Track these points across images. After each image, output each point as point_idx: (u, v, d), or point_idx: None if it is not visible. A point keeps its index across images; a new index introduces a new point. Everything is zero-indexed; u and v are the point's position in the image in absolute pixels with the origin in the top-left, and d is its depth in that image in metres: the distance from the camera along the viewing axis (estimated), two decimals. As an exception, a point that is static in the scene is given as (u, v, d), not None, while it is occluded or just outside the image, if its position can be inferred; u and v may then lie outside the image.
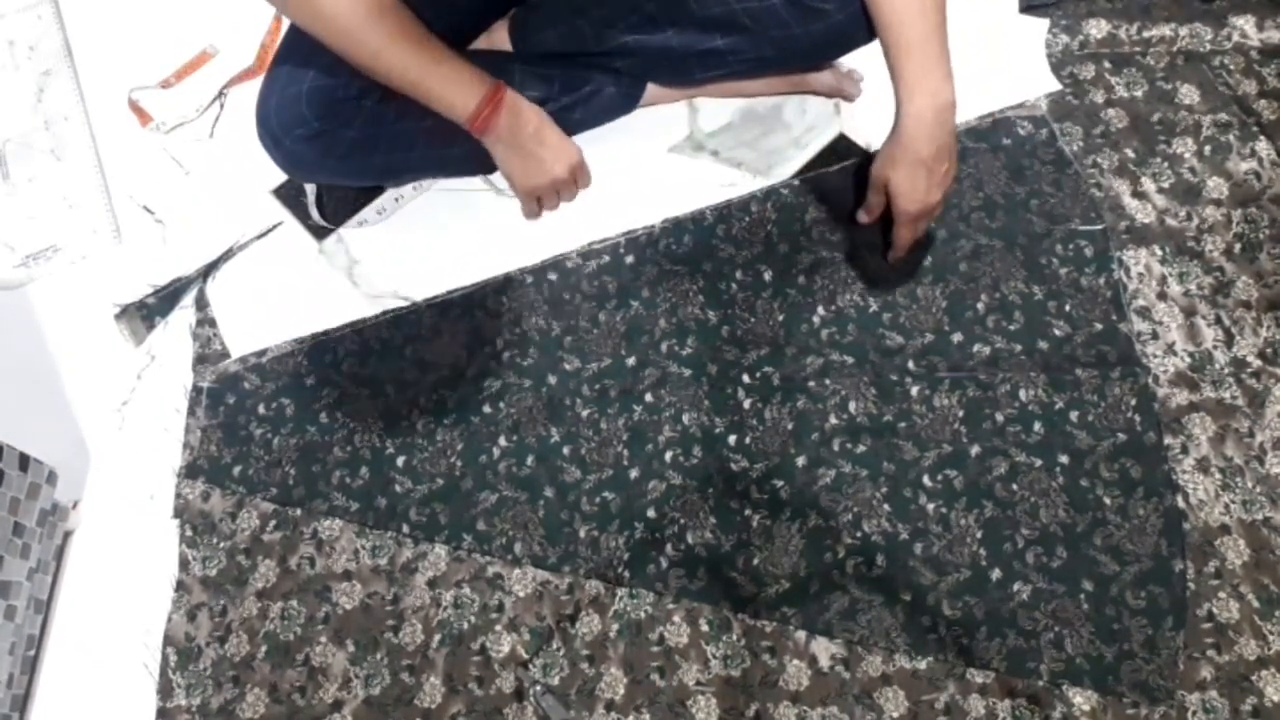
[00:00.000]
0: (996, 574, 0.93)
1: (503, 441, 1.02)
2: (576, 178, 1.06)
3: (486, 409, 1.04)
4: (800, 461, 0.98)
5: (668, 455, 1.00)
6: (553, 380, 1.04)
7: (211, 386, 1.08)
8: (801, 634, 0.93)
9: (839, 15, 0.96)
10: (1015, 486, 0.96)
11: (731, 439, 1.00)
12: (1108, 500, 0.94)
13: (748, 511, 0.97)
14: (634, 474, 0.99)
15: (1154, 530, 0.93)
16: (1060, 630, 0.90)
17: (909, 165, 0.91)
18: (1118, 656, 0.89)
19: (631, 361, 1.04)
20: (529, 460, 1.01)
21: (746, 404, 1.01)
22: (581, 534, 0.98)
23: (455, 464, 1.02)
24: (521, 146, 0.99)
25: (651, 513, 0.98)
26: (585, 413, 1.02)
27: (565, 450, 1.01)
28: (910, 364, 1.01)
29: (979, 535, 0.94)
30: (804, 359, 1.02)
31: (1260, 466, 0.96)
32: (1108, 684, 0.88)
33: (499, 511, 0.99)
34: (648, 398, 1.02)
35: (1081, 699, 0.88)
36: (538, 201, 1.08)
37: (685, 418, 1.01)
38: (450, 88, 0.92)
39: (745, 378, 1.02)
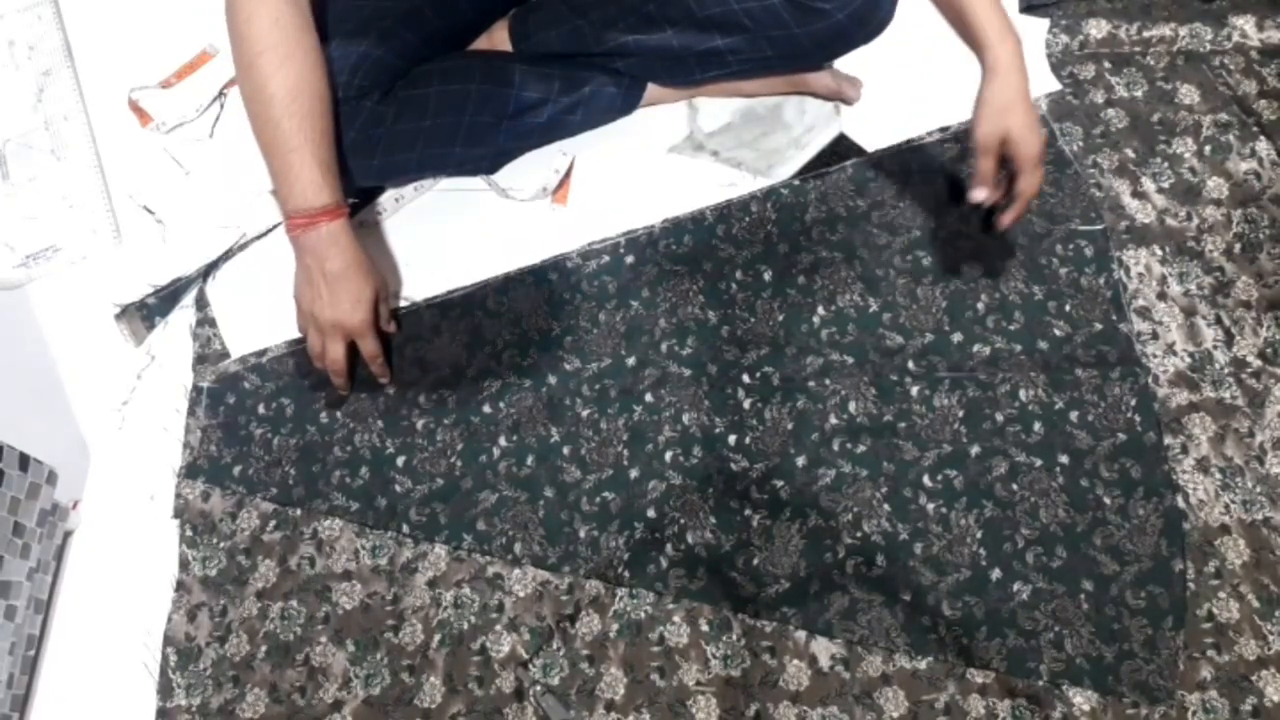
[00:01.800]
0: (996, 574, 0.93)
1: (503, 441, 1.02)
2: (357, 338, 0.99)
3: (486, 409, 1.04)
4: (800, 461, 0.98)
5: (668, 455, 1.00)
6: (553, 380, 1.04)
7: (211, 386, 1.08)
8: (801, 634, 0.93)
9: (838, 15, 0.96)
10: (1015, 486, 0.96)
11: (731, 439, 1.00)
12: (1108, 500, 0.94)
13: (748, 511, 0.97)
14: (634, 474, 0.99)
15: (1154, 530, 0.93)
16: (1060, 630, 0.90)
17: (1023, 103, 0.90)
18: (1118, 656, 0.89)
19: (631, 361, 1.04)
20: (529, 460, 1.01)
21: (746, 404, 1.01)
22: (581, 534, 0.98)
23: (455, 464, 1.02)
24: (318, 273, 0.95)
25: (651, 513, 0.98)
26: (585, 413, 1.02)
27: (565, 450, 1.01)
28: (910, 364, 1.01)
29: (979, 535, 0.94)
30: (804, 359, 1.02)
31: (1260, 466, 0.96)
32: (1108, 684, 0.88)
33: (499, 511, 0.99)
34: (648, 398, 1.02)
35: (1081, 699, 0.88)
36: (312, 336, 1.00)
37: (685, 418, 1.01)
38: (290, 177, 0.91)
39: (745, 378, 1.02)
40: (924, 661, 0.91)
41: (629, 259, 1.09)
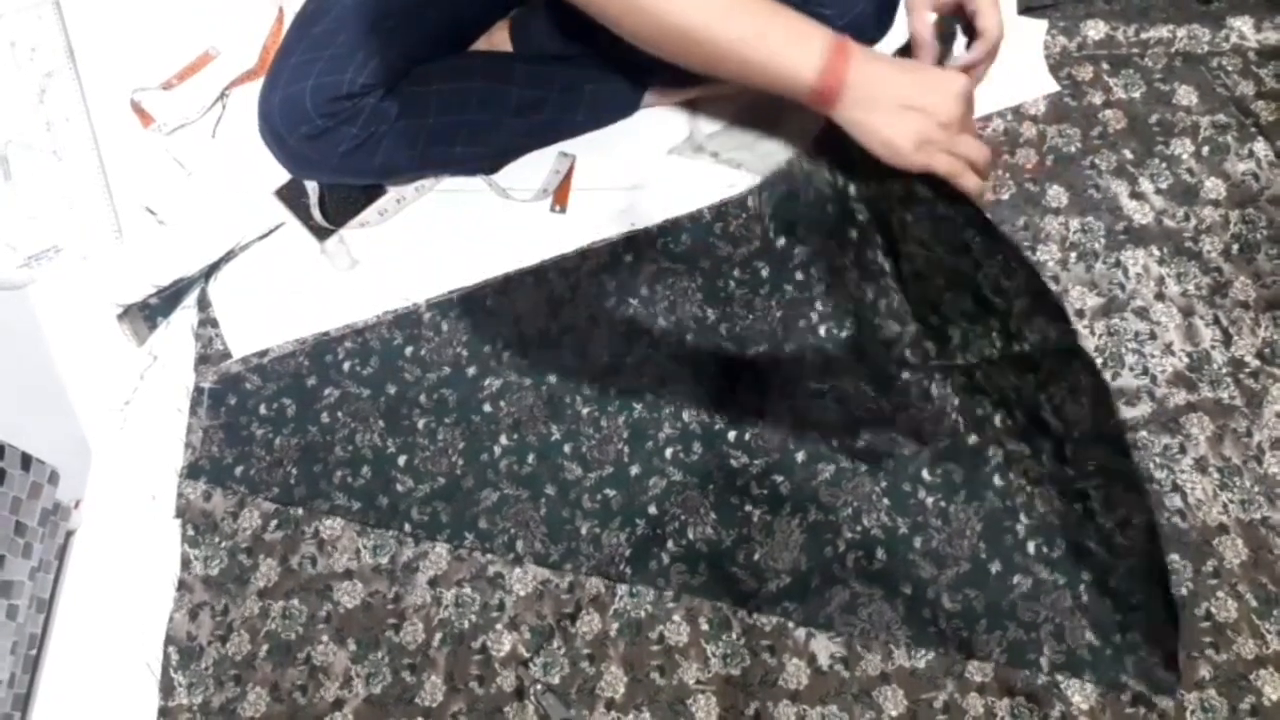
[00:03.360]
0: (996, 567, 0.93)
1: (504, 440, 1.03)
2: (967, 113, 0.80)
3: (487, 408, 1.04)
4: (800, 456, 0.99)
5: (668, 452, 1.00)
6: (553, 379, 1.04)
7: (213, 387, 1.08)
8: (801, 632, 0.93)
9: (839, 21, 0.96)
10: (1011, 476, 0.96)
11: (731, 435, 1.00)
12: (1092, 492, 0.94)
13: (748, 507, 0.97)
14: (634, 471, 1.00)
15: (1139, 521, 0.92)
16: (1060, 621, 0.90)
17: None
18: (1119, 648, 0.89)
19: (631, 359, 1.04)
20: (530, 458, 1.01)
21: (745, 400, 1.01)
22: (583, 531, 0.98)
23: (456, 462, 1.02)
24: (887, 91, 0.76)
25: (653, 509, 0.98)
26: (585, 411, 1.03)
27: (566, 448, 1.02)
28: (907, 354, 1.01)
29: (978, 528, 0.94)
30: (802, 354, 1.03)
31: (1258, 466, 0.96)
32: (1109, 675, 0.88)
33: (500, 509, 1.00)
34: (648, 395, 1.03)
35: (1080, 698, 0.89)
36: (936, 158, 0.80)
37: (685, 414, 1.01)
38: (800, 30, 0.76)
39: (744, 374, 1.02)
40: (923, 660, 0.91)
41: (627, 257, 1.09)
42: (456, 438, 1.03)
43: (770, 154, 1.14)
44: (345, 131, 0.97)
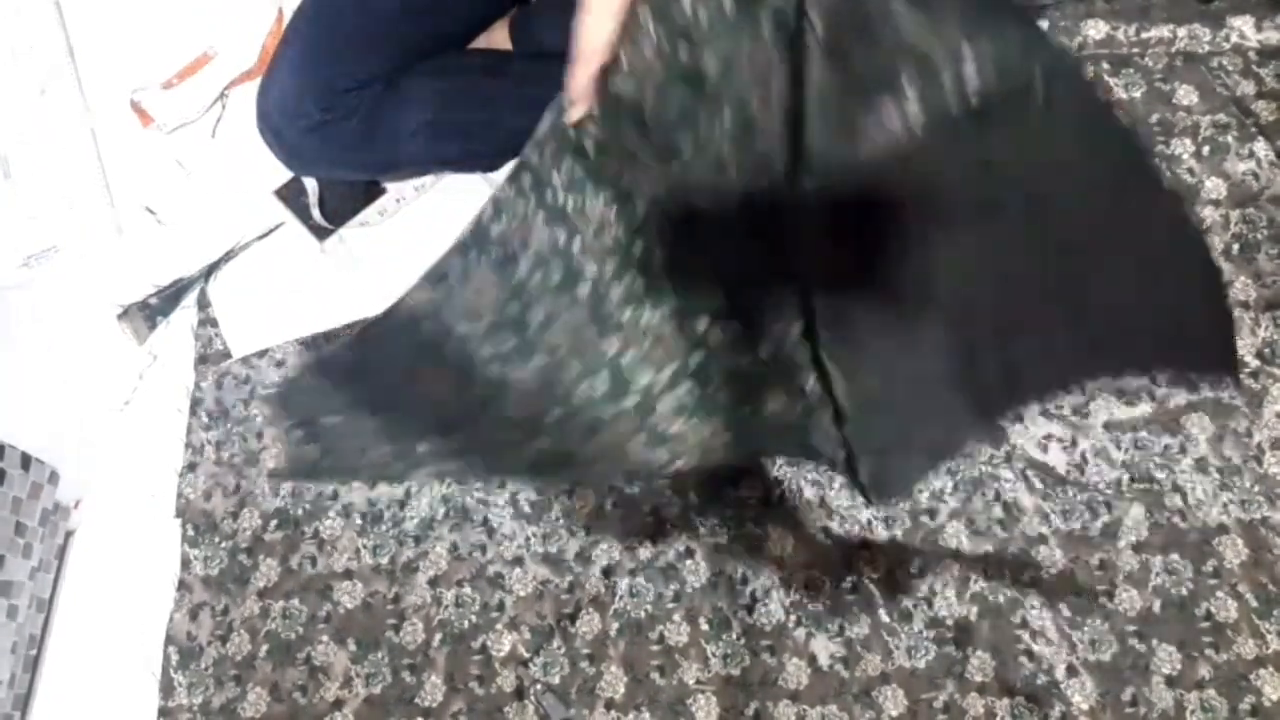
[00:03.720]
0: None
1: (576, 367, 0.95)
2: None
3: (544, 340, 0.95)
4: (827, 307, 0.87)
5: (712, 335, 0.89)
6: (583, 292, 0.94)
7: (275, 392, 1.02)
8: (801, 632, 0.93)
9: None
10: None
11: (748, 330, 0.90)
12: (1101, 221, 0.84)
13: (808, 384, 0.88)
14: (695, 360, 0.90)
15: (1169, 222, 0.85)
16: (1109, 324, 0.81)
17: None
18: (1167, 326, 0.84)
19: (638, 249, 0.87)
20: (602, 375, 0.90)
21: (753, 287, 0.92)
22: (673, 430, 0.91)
23: (538, 403, 0.96)
24: None
25: (722, 396, 0.91)
26: (632, 316, 0.90)
27: (626, 358, 0.90)
28: None
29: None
30: None
31: (1258, 466, 0.96)
32: (1170, 349, 0.83)
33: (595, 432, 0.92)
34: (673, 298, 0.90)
35: (1080, 698, 0.89)
36: None
37: (711, 336, 0.93)
38: None
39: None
40: (923, 660, 0.91)
41: (586, 143, 0.80)
42: (528, 378, 0.93)
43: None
44: (343, 127, 0.97)
